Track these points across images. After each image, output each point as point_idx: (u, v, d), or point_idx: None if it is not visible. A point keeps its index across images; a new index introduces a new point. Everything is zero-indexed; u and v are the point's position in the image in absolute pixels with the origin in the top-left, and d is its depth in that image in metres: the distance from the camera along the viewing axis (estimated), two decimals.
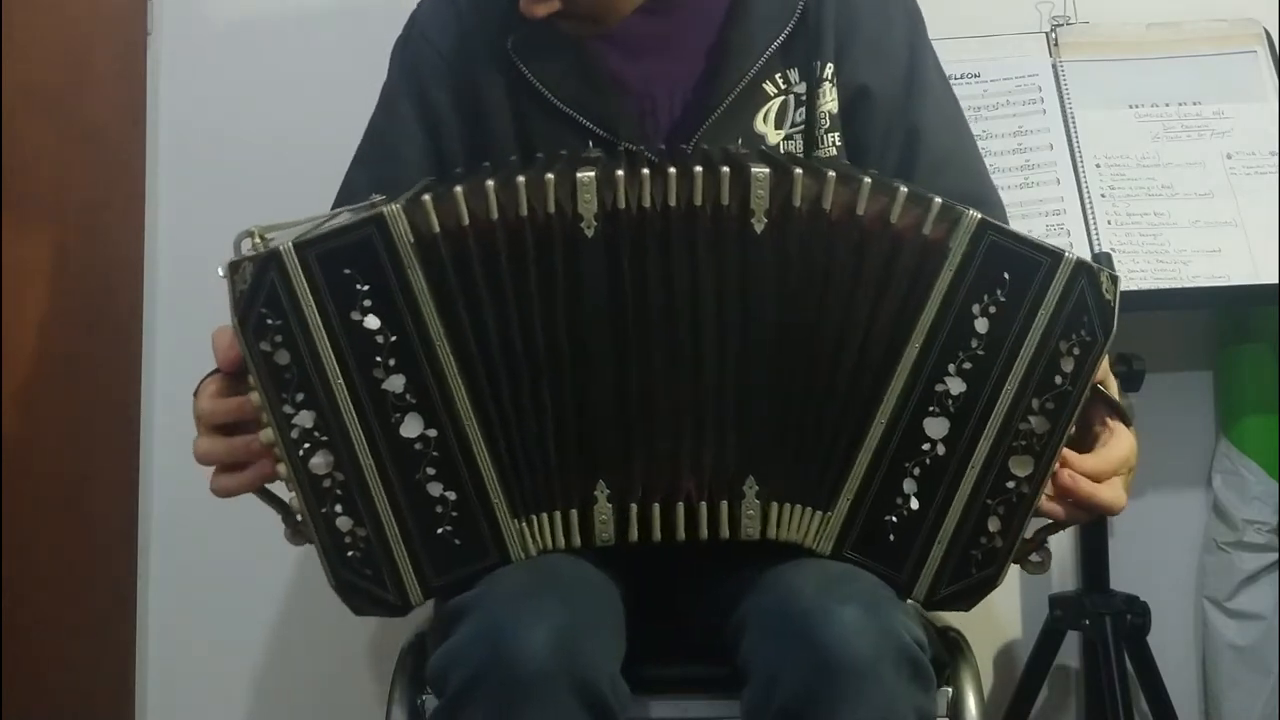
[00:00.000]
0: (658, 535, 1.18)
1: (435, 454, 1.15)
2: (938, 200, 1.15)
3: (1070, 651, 1.94)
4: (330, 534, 1.16)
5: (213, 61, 2.06)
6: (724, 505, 1.18)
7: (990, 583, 1.17)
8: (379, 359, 1.14)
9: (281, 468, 1.16)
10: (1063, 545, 2.02)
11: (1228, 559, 2.01)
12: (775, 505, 1.19)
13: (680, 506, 1.18)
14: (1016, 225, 1.71)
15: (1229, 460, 2.01)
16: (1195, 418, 2.05)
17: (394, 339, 1.14)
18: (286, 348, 1.14)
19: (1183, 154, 1.89)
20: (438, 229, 1.14)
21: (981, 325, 1.15)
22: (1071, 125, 1.90)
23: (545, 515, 1.19)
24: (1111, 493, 1.19)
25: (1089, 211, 1.85)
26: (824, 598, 1.12)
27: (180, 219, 2.05)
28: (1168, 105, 1.92)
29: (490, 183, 1.15)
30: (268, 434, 1.15)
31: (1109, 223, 1.84)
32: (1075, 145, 1.89)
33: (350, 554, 1.16)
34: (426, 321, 1.14)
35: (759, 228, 1.15)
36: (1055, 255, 1.14)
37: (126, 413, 2.01)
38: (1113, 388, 1.21)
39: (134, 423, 2.01)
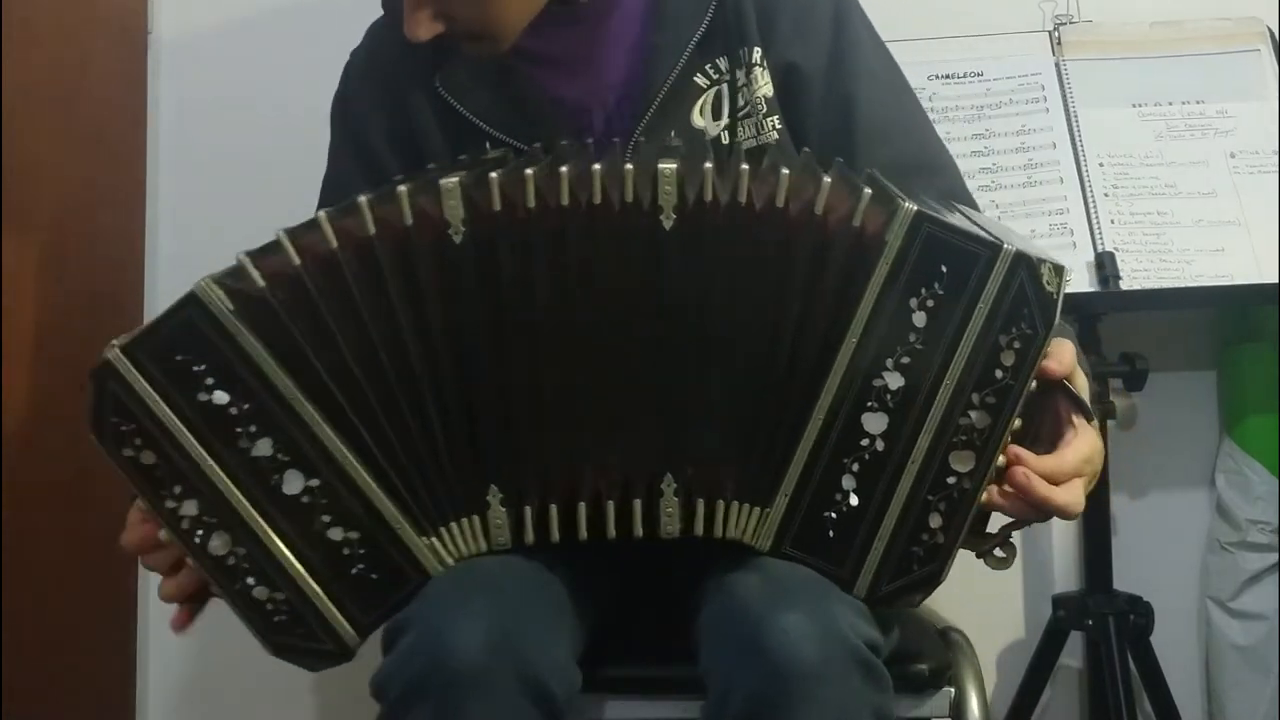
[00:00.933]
0: (555, 536, 1.18)
1: (324, 501, 1.16)
2: (867, 191, 1.14)
3: (1074, 652, 1.94)
4: (250, 607, 1.17)
5: (214, 61, 2.06)
6: (637, 504, 1.18)
7: (934, 579, 1.16)
8: (239, 429, 1.14)
9: (189, 560, 1.17)
10: (1066, 545, 2.03)
11: (1231, 559, 2.01)
12: (703, 502, 1.18)
13: (582, 506, 1.18)
14: (1019, 225, 1.80)
15: (1232, 460, 2.01)
16: (1198, 417, 2.05)
17: (246, 406, 1.14)
18: (149, 447, 1.14)
19: (1186, 153, 1.88)
20: (261, 283, 1.13)
21: (919, 319, 1.13)
22: (1075, 124, 1.90)
23: (451, 526, 1.19)
24: (1068, 495, 1.15)
25: (1092, 211, 1.85)
26: (768, 604, 1.12)
27: (180, 219, 2.05)
28: (1171, 104, 1.91)
29: (323, 213, 1.15)
30: (164, 533, 1.17)
31: (1112, 222, 1.84)
32: (1078, 144, 1.89)
33: (277, 619, 1.17)
34: (271, 379, 1.14)
35: (668, 224, 1.14)
36: (993, 247, 1.12)
37: None
38: (1080, 384, 1.19)
39: None
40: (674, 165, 1.13)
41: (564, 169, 1.14)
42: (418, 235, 1.14)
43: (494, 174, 1.15)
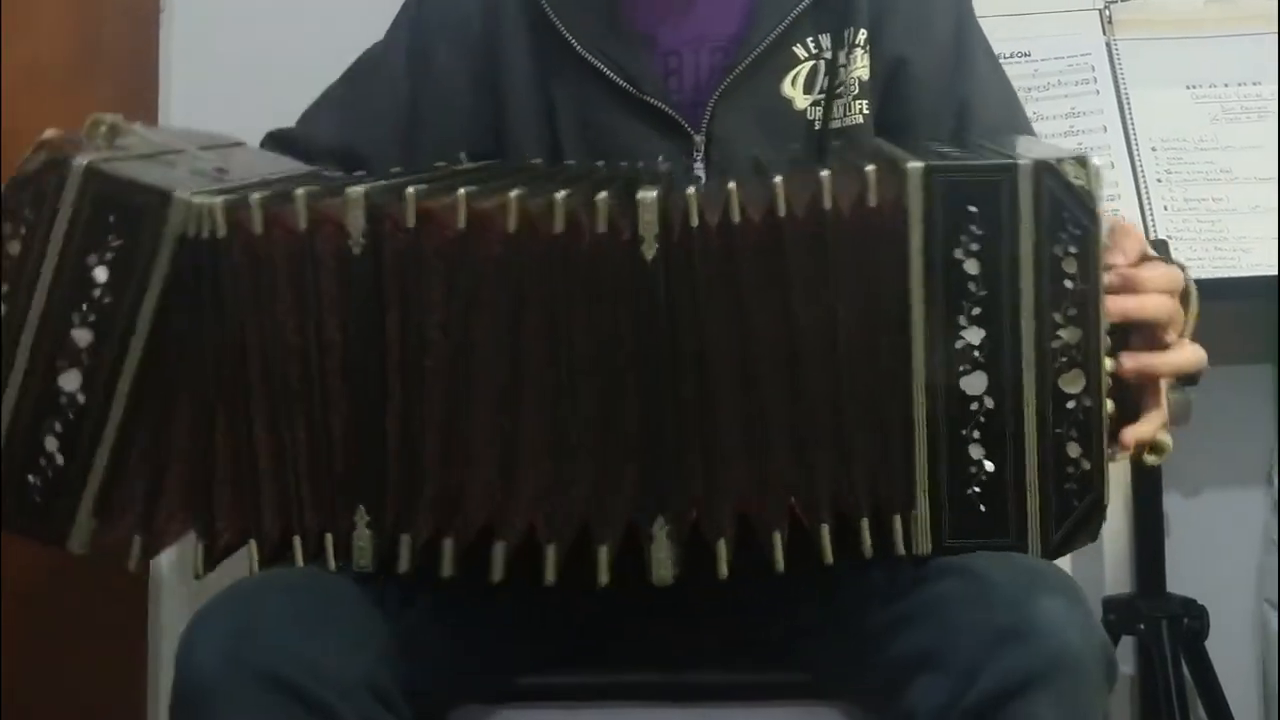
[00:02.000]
0: (447, 571, 1.13)
1: (73, 415, 1.14)
2: (869, 167, 1.11)
3: (1125, 657, 1.92)
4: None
5: (227, 40, 2.02)
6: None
7: (1098, 506, 1.13)
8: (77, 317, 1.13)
9: None
10: (1117, 546, 1.99)
11: None
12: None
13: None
14: None
15: None
16: (1255, 412, 2.03)
17: (107, 301, 1.13)
18: (21, 241, 1.12)
19: (1242, 136, 1.85)
20: (221, 232, 1.12)
21: (972, 267, 1.11)
22: (1126, 106, 1.88)
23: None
24: (1183, 355, 1.17)
25: (1144, 197, 1.82)
26: (1026, 588, 1.10)
27: None
28: (1226, 85, 1.89)
29: (300, 191, 1.13)
30: None
31: (1165, 208, 1.82)
32: (1130, 127, 1.86)
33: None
34: (140, 311, 1.13)
35: (649, 255, 1.10)
36: (1008, 168, 1.10)
37: None
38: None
39: None
40: (653, 194, 1.10)
41: (514, 193, 1.11)
42: (324, 242, 1.13)
43: (410, 190, 1.12)
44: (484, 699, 1.32)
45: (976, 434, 1.13)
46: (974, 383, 1.12)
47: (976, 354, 1.12)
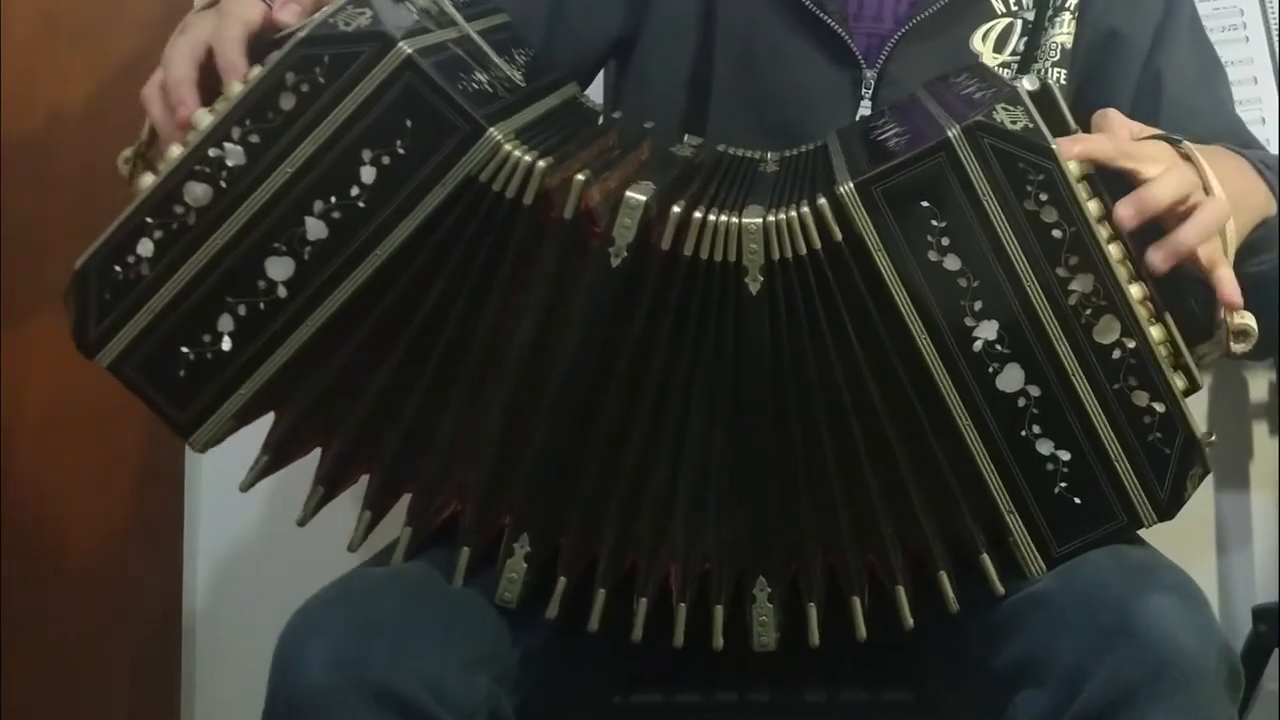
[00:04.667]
0: (594, 625, 1.13)
1: (265, 306, 1.09)
2: (806, 209, 1.07)
3: (1276, 674, 1.82)
4: (126, 237, 1.09)
5: None
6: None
7: (1191, 446, 1.10)
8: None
9: (174, 149, 1.09)
10: (1267, 550, 1.91)
11: None
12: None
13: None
14: None
15: None
16: None
17: (361, 206, 1.07)
18: (298, 99, 1.06)
19: None
20: (513, 193, 1.07)
21: (952, 263, 1.08)
22: (1276, 55, 1.77)
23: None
24: (1206, 213, 1.09)
25: None
26: (1135, 586, 1.07)
27: None
28: None
29: (580, 176, 1.07)
30: (174, 150, 1.09)
31: None
32: None
33: (117, 269, 1.09)
34: (391, 233, 1.08)
35: (754, 286, 1.08)
36: (939, 147, 1.06)
37: None
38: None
39: None
40: (759, 221, 1.07)
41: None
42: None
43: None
44: None
45: (1037, 428, 1.10)
46: (1010, 378, 1.09)
47: (998, 348, 1.09)
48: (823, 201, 1.06)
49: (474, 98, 1.08)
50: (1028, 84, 1.09)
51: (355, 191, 1.06)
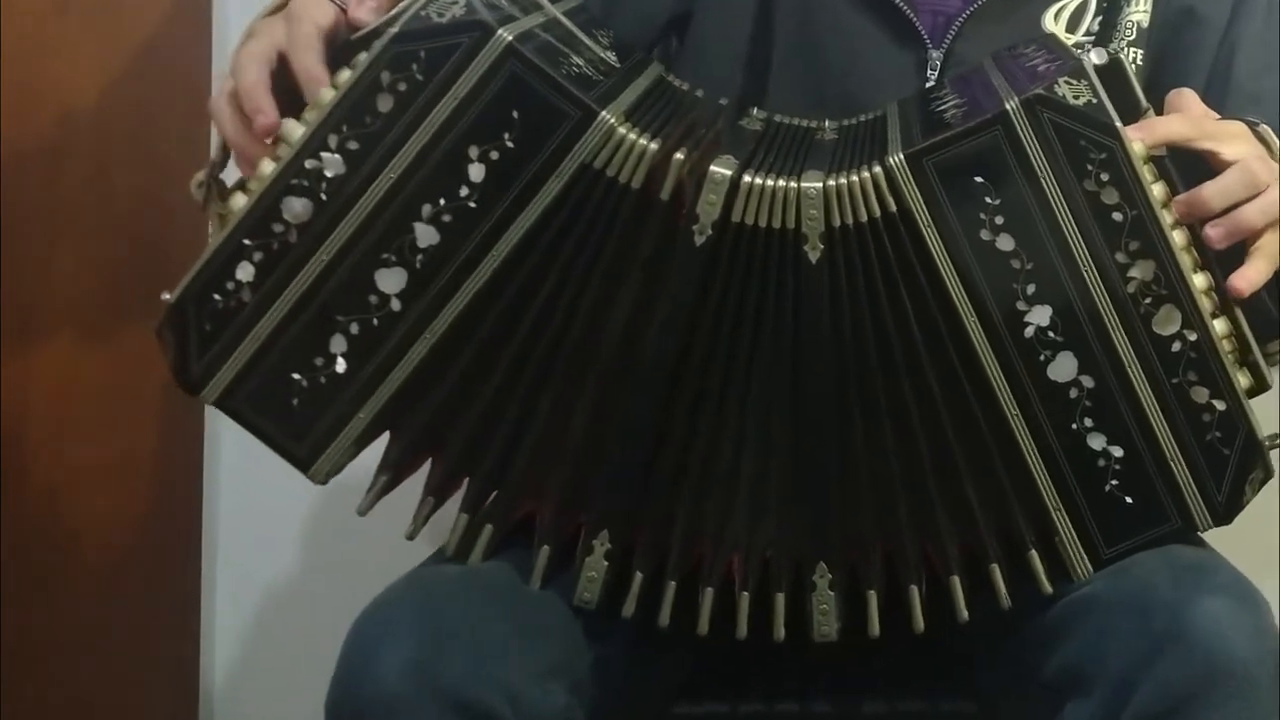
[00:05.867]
0: (665, 620, 1.12)
1: (378, 322, 1.06)
2: (866, 173, 1.06)
3: None
4: (223, 262, 1.06)
5: None
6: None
7: (1252, 446, 1.07)
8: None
9: (266, 165, 1.06)
10: None
11: None
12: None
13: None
14: None
15: None
16: None
17: (472, 205, 1.05)
18: (396, 99, 1.03)
19: None
20: (626, 177, 1.06)
21: (1005, 242, 1.05)
22: None
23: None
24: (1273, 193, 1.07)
25: None
26: (1186, 588, 1.05)
27: None
28: None
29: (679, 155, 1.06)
30: (266, 165, 1.06)
31: None
32: None
33: (216, 297, 1.07)
34: (507, 231, 1.06)
35: (814, 255, 1.06)
36: (996, 120, 1.04)
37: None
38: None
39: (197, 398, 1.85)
40: (818, 185, 1.05)
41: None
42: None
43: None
44: None
45: (1089, 422, 1.08)
46: (1062, 367, 1.07)
47: (1051, 335, 1.07)
48: (877, 170, 1.04)
49: (577, 82, 1.05)
50: (1095, 58, 1.07)
51: (465, 191, 1.04)
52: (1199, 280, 1.06)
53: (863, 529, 1.10)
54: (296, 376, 1.07)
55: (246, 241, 1.05)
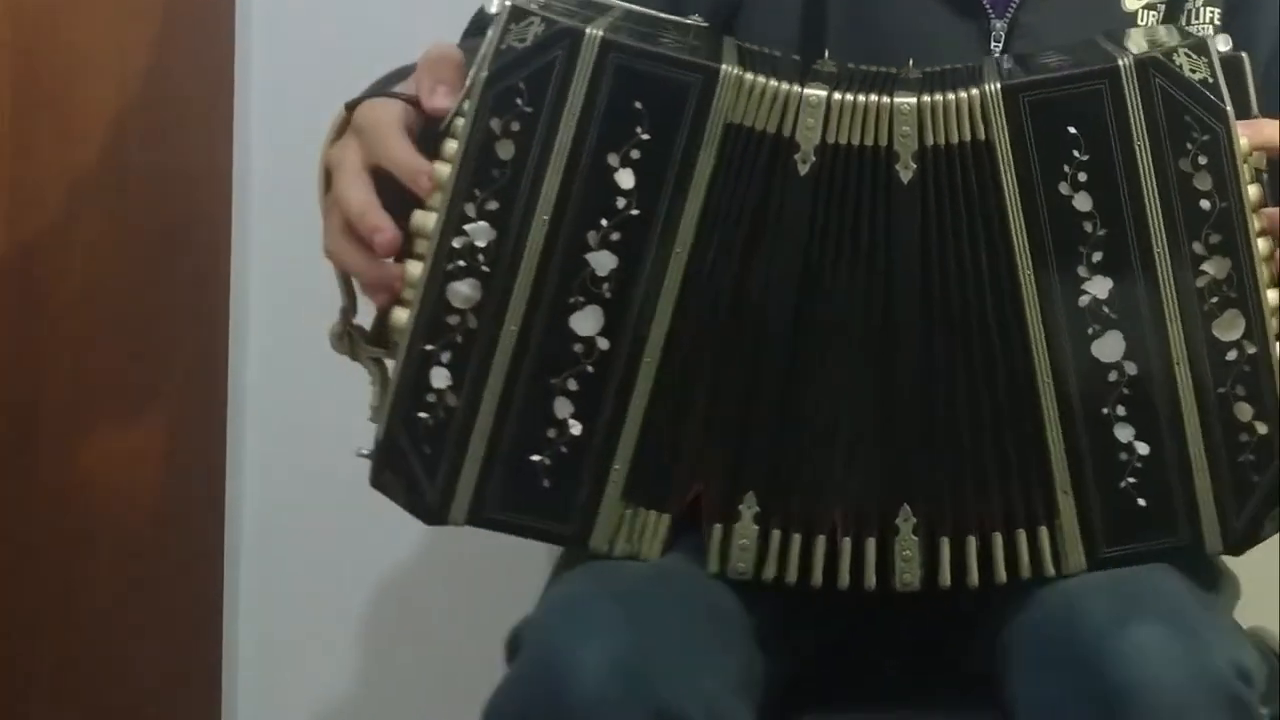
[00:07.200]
0: (792, 575, 1.08)
1: (593, 368, 1.03)
2: (954, 95, 1.04)
3: None
4: (414, 379, 1.03)
5: None
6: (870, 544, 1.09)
7: None
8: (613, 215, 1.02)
9: (414, 266, 1.03)
10: None
11: None
12: (975, 540, 1.08)
13: (820, 541, 1.09)
14: None
15: None
16: None
17: (636, 213, 1.02)
18: (515, 141, 1.01)
19: None
20: (774, 126, 1.04)
21: (1083, 202, 1.03)
22: None
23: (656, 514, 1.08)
24: None
25: None
26: (1113, 613, 1.02)
27: (278, 117, 1.86)
28: None
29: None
30: (413, 267, 1.03)
31: None
32: None
33: (422, 415, 1.03)
34: (681, 222, 1.03)
35: (905, 175, 1.05)
36: (1105, 73, 1.02)
37: (210, 373, 1.88)
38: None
39: (219, 387, 1.87)
40: (912, 100, 1.05)
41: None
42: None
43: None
44: None
45: (1121, 410, 1.05)
46: (1109, 346, 1.04)
47: (1106, 310, 1.04)
48: (974, 91, 1.02)
49: (681, 52, 1.04)
50: (1221, 43, 1.04)
51: (622, 202, 1.02)
52: (1273, 296, 1.03)
53: (935, 479, 1.08)
54: (536, 458, 1.04)
55: (428, 347, 1.02)
